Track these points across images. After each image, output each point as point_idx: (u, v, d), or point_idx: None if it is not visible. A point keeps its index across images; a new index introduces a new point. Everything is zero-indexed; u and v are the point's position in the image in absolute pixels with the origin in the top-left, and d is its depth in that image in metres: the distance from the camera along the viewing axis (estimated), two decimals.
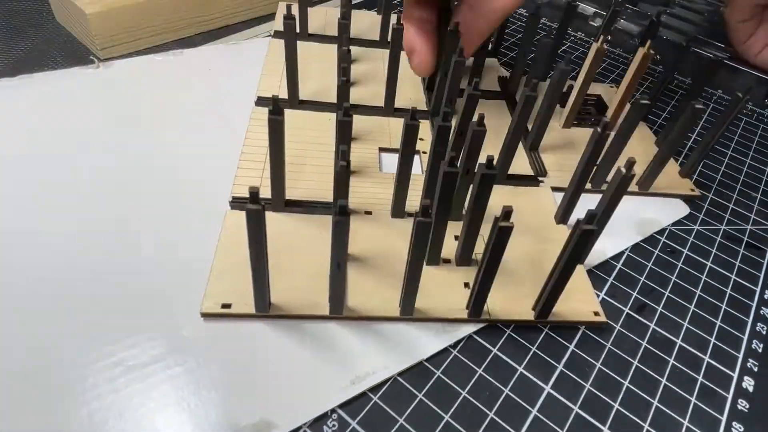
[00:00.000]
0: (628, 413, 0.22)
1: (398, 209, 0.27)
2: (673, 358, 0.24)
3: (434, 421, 0.21)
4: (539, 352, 0.24)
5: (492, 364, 0.23)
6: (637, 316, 0.26)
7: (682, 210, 0.33)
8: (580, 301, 0.25)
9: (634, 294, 0.27)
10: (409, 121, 0.23)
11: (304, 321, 0.23)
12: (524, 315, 0.24)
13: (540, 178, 0.32)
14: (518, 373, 0.23)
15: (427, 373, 0.22)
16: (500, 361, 0.23)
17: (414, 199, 0.28)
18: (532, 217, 0.29)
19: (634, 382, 0.23)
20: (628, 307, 0.27)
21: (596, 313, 0.25)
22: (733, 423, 0.22)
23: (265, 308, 0.22)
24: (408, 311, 0.23)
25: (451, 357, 0.23)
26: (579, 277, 0.26)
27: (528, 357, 0.23)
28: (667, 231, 0.31)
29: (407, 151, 0.25)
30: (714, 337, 0.26)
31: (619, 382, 0.23)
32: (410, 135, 0.24)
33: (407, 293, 0.22)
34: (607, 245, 0.29)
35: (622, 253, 0.29)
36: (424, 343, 0.23)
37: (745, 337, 0.26)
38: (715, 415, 0.23)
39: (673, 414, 0.22)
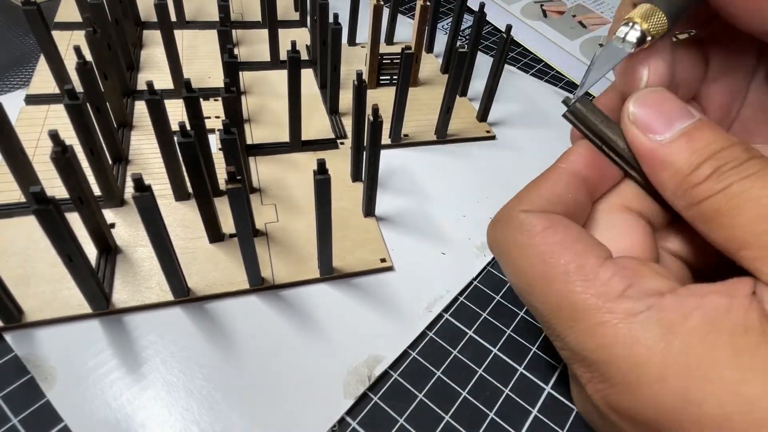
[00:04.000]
0: None
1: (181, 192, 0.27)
2: None
3: (434, 421, 0.21)
4: (539, 352, 0.24)
5: (492, 363, 0.23)
6: None
7: None
8: (370, 251, 0.26)
9: None
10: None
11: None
12: (309, 274, 0.25)
13: (340, 141, 0.33)
14: (518, 373, 0.23)
15: (427, 372, 0.22)
16: (499, 360, 0.23)
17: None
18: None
19: None
20: None
21: (383, 260, 0.26)
22: None
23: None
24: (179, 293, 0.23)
25: (451, 357, 0.23)
26: (372, 229, 0.27)
27: (528, 356, 0.23)
28: None
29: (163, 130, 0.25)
30: None
31: None
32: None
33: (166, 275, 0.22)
34: None
35: None
36: None
37: None
38: None
39: None
